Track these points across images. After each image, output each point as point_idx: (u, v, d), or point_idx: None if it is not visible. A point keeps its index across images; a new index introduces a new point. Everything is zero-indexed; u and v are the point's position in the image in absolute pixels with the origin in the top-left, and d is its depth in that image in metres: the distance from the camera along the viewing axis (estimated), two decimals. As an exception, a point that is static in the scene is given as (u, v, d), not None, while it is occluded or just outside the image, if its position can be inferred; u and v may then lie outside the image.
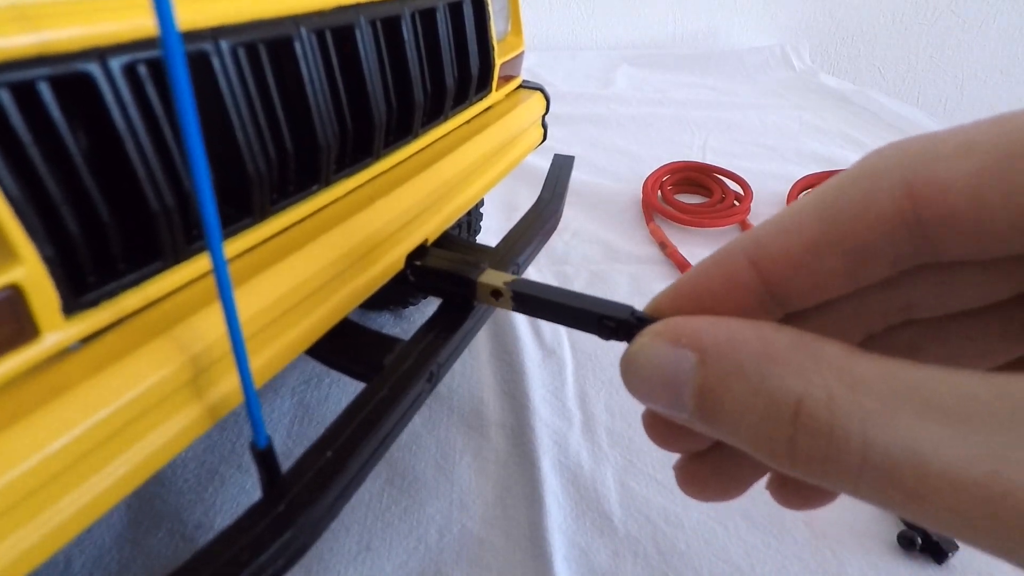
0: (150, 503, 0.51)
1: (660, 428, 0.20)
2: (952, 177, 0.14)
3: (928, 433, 0.12)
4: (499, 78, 0.52)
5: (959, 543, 0.46)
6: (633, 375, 0.17)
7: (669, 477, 0.54)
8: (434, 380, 0.37)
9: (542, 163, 1.06)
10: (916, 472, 0.12)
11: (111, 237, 0.23)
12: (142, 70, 0.23)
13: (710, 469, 0.20)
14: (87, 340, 0.23)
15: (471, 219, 0.69)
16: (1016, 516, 0.11)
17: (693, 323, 0.16)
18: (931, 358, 0.18)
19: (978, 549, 0.12)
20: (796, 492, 0.20)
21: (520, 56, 0.56)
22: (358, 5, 0.34)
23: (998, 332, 0.17)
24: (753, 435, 0.14)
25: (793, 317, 0.18)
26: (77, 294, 0.22)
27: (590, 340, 0.68)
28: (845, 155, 1.28)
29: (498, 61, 0.50)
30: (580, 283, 0.81)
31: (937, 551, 0.46)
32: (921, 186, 0.14)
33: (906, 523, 0.48)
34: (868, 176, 0.15)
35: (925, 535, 0.46)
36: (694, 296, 0.18)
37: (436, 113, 0.44)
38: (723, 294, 0.18)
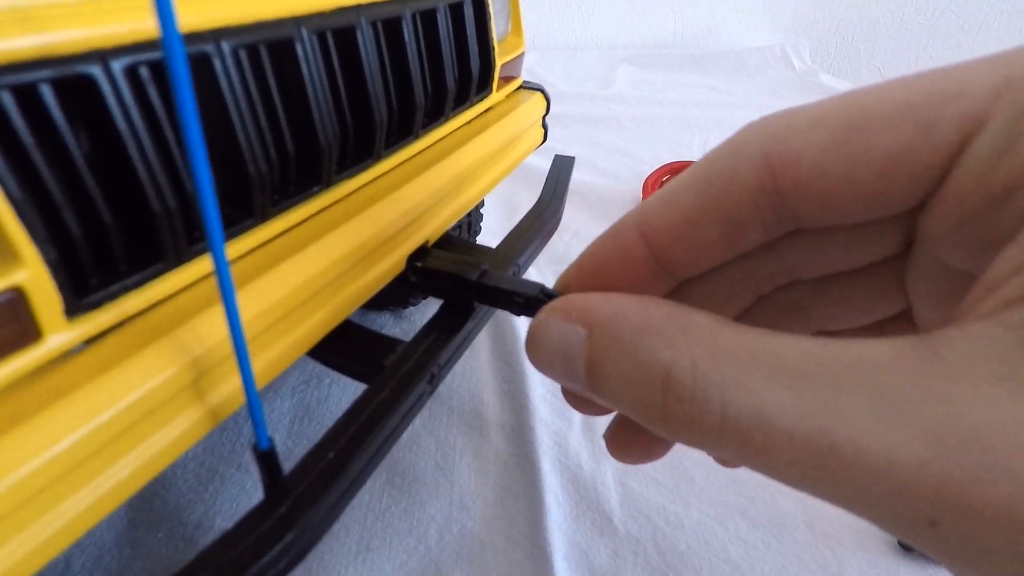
0: (150, 503, 0.51)
1: (573, 395, 0.21)
2: (802, 149, 0.15)
3: (774, 395, 0.13)
4: (499, 79, 0.52)
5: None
6: (532, 349, 0.18)
7: (669, 477, 0.54)
8: (435, 381, 0.37)
9: (542, 164, 1.06)
10: (763, 431, 0.13)
11: (113, 239, 0.23)
12: (144, 72, 0.23)
13: (632, 433, 0.21)
14: (90, 342, 0.23)
15: (471, 220, 0.69)
16: (842, 465, 0.12)
17: (586, 300, 0.17)
18: (816, 317, 0.20)
19: (820, 499, 0.13)
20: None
21: (520, 57, 0.56)
22: (359, 6, 0.34)
23: (872, 292, 0.19)
24: (633, 402, 0.15)
25: (684, 285, 0.19)
26: (79, 296, 0.22)
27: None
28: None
29: (499, 62, 0.50)
30: (580, 283, 0.81)
31: (937, 551, 0.46)
32: (777, 158, 0.15)
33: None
34: (735, 149, 0.16)
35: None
36: (595, 270, 0.19)
37: (437, 114, 0.44)
38: (619, 267, 0.19)
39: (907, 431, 0.12)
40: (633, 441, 0.21)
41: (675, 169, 1.08)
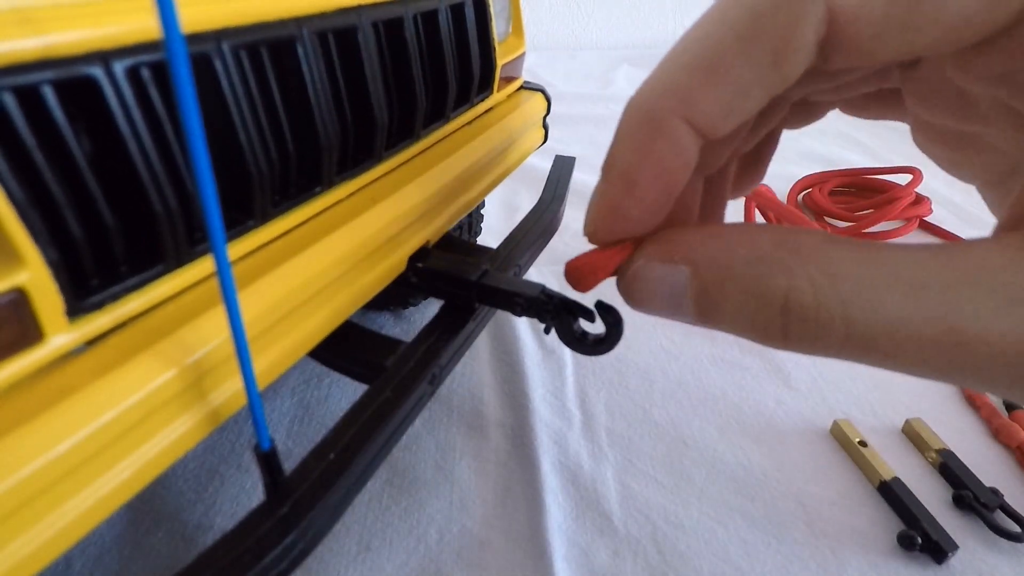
0: (150, 503, 0.51)
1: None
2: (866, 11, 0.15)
3: (895, 305, 0.15)
4: (500, 79, 0.52)
5: (958, 546, 0.46)
6: (635, 295, 0.19)
7: (669, 477, 0.54)
8: (436, 382, 0.37)
9: (543, 164, 1.06)
10: (889, 339, 0.15)
11: (114, 240, 0.23)
12: (145, 73, 0.23)
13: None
14: (91, 344, 0.23)
15: (472, 220, 0.69)
16: (970, 358, 0.14)
17: (684, 237, 0.18)
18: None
19: (939, 381, 0.15)
20: None
21: (521, 57, 0.56)
22: (360, 7, 0.34)
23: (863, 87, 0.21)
24: (750, 327, 0.17)
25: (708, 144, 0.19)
26: (81, 297, 0.22)
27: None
28: (845, 155, 1.28)
29: (499, 62, 0.50)
30: (580, 283, 0.81)
31: (937, 551, 0.46)
32: (843, 18, 0.15)
33: (906, 523, 0.49)
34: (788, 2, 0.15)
35: (925, 535, 0.46)
36: (630, 182, 0.18)
37: (438, 115, 0.44)
38: (659, 172, 0.18)
39: None
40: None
41: (675, 169, 1.08)
